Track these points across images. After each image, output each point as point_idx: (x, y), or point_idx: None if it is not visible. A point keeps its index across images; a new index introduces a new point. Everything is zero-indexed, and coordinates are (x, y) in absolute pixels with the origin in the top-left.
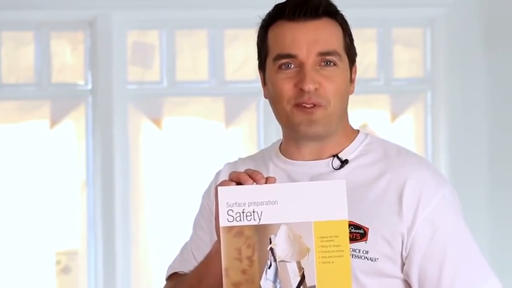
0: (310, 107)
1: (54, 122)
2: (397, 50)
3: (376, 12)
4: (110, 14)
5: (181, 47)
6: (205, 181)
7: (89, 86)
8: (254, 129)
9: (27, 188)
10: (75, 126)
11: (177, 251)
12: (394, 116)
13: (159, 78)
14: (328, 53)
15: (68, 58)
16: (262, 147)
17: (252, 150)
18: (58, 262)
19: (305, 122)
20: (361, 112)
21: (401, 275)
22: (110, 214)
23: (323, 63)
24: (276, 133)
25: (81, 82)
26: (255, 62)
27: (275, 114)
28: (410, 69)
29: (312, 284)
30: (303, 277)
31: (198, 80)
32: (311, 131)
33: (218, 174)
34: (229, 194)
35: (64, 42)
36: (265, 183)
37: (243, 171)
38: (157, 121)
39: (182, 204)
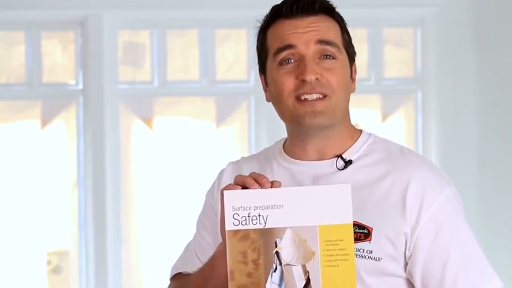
0: (313, 100)
1: (45, 122)
2: (387, 49)
3: (367, 12)
4: (100, 14)
5: (172, 46)
6: (197, 181)
7: (80, 86)
8: (245, 129)
9: (18, 188)
10: (66, 126)
11: (169, 251)
12: (385, 115)
13: (150, 78)
14: (327, 42)
15: (59, 58)
16: (253, 147)
17: (243, 150)
18: (49, 262)
19: (309, 114)
20: (351, 112)
21: (404, 275)
22: (101, 214)
23: (322, 57)
24: (267, 133)
25: (72, 82)
26: (246, 62)
27: (278, 113)
28: (400, 69)
29: None
30: (308, 280)
31: (189, 80)
32: (315, 122)
33: (221, 173)
34: (235, 198)
35: (55, 42)
36: (271, 187)
37: (247, 171)
38: (148, 121)
39: (173, 204)
